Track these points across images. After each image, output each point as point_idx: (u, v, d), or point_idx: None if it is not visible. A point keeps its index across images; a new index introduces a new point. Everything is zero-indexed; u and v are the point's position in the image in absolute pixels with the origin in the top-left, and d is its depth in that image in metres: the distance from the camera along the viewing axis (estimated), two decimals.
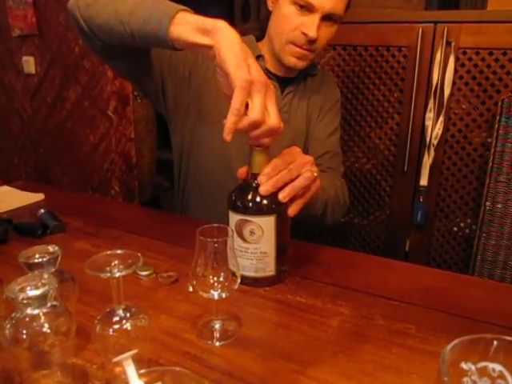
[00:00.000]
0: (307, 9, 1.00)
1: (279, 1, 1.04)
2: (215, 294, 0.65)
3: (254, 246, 0.77)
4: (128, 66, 1.00)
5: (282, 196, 0.76)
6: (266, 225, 0.76)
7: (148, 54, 0.99)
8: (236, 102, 0.68)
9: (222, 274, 0.65)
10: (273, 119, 0.71)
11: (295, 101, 1.19)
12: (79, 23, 0.88)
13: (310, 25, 0.99)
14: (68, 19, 2.08)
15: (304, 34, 1.01)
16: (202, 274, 0.64)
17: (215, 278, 0.64)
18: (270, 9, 1.09)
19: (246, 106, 0.69)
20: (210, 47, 0.72)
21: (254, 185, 0.77)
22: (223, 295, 0.65)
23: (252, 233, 0.76)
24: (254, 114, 0.69)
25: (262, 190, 0.75)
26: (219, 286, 0.65)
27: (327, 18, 1.01)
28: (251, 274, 0.79)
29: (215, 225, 0.67)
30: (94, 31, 0.87)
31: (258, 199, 0.76)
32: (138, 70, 1.02)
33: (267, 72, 1.14)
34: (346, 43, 1.66)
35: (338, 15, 1.02)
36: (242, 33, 1.19)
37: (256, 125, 0.70)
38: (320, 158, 1.19)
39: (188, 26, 0.74)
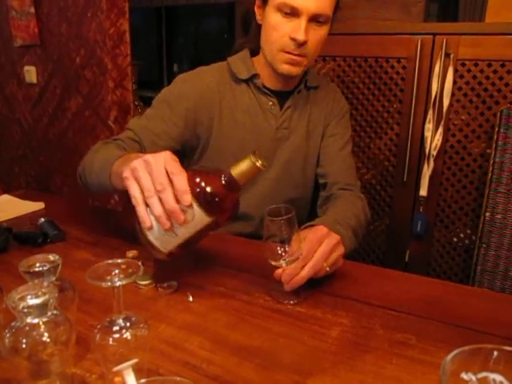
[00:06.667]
0: (293, 14, 1.00)
1: (265, 12, 1.06)
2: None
3: None
4: None
5: (286, 283, 0.78)
6: (198, 216, 0.72)
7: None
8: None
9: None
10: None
11: (295, 115, 1.17)
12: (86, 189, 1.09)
13: (298, 29, 1.00)
14: (69, 30, 2.10)
15: (293, 39, 1.01)
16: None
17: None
18: (260, 22, 1.10)
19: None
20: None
21: (223, 183, 0.73)
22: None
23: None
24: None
25: (287, 287, 0.78)
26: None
27: (314, 19, 1.01)
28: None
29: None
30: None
31: (216, 199, 0.73)
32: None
33: (264, 89, 1.13)
34: (345, 54, 1.67)
35: (326, 16, 1.02)
36: (238, 48, 1.20)
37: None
38: (336, 175, 1.17)
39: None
